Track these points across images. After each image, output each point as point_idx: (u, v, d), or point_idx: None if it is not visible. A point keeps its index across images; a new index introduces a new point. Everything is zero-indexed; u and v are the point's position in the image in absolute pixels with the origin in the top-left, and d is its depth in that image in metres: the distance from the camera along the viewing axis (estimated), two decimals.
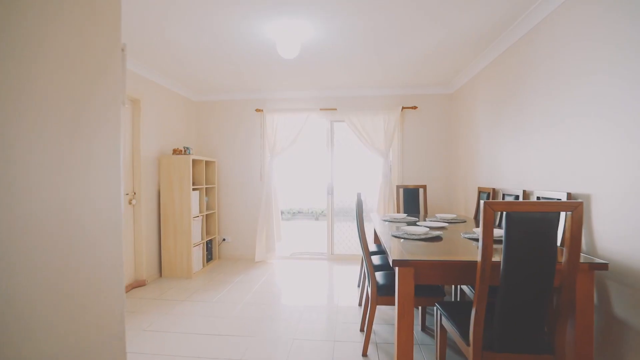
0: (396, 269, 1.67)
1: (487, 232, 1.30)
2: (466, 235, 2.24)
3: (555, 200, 1.38)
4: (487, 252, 1.31)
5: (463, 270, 1.64)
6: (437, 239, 2.19)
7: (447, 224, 2.75)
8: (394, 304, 2.12)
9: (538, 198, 2.31)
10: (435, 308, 1.93)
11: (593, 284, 1.56)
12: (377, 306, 2.32)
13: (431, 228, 2.62)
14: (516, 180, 2.73)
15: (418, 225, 2.69)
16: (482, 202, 1.31)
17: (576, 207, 1.27)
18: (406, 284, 1.66)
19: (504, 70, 2.95)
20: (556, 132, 2.19)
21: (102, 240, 0.88)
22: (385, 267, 2.69)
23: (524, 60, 2.59)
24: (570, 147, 2.05)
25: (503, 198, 2.84)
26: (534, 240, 1.29)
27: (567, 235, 1.30)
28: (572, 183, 2.03)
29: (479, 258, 1.36)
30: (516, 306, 1.35)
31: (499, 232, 2.08)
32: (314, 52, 3.22)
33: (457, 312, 1.73)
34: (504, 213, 1.31)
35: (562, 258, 1.38)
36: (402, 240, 2.15)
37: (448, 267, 1.65)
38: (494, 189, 3.07)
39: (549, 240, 1.29)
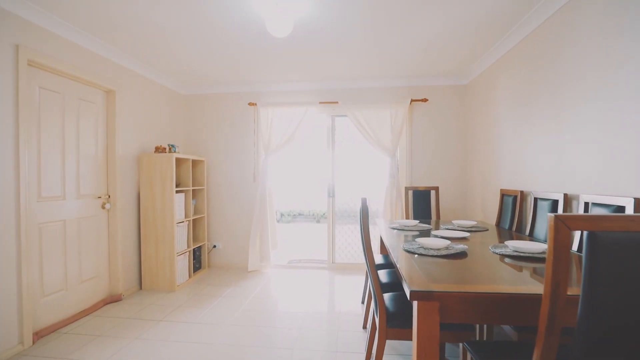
0: (415, 302, 1.23)
1: (561, 264, 0.86)
2: (496, 250, 1.80)
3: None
4: (559, 292, 0.87)
5: (508, 306, 1.20)
6: (462, 255, 1.75)
7: (467, 234, 2.31)
8: (409, 339, 1.68)
9: (587, 203, 1.86)
10: (461, 346, 1.49)
11: None
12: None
13: (451, 239, 2.18)
14: (553, 182, 2.28)
15: (435, 237, 2.25)
16: (550, 216, 0.88)
17: None
18: (429, 323, 1.22)
19: (532, 55, 2.50)
20: (616, 125, 1.74)
21: None
22: (395, 286, 2.25)
23: (563, 38, 2.14)
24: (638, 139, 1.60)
25: (535, 202, 2.39)
26: (635, 272, 0.85)
27: None
28: None
29: (544, 294, 0.92)
30: None
31: (541, 247, 1.64)
32: (309, 34, 2.79)
33: (497, 357, 1.28)
34: (585, 232, 0.87)
35: None
36: (416, 256, 1.71)
37: (488, 302, 1.20)
38: (521, 192, 2.62)
39: None
